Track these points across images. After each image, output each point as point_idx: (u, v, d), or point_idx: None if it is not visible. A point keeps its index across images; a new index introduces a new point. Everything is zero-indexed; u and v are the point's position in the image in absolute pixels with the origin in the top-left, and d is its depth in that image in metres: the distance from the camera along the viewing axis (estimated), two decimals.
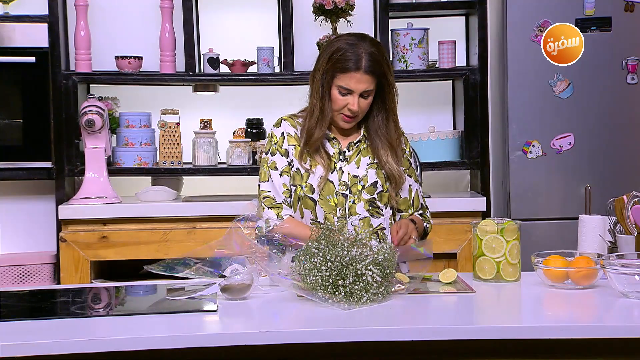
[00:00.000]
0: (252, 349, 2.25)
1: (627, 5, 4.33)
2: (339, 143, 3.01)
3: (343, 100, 2.91)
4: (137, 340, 2.23)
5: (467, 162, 4.57)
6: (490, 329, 2.33)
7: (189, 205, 4.38)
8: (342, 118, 2.95)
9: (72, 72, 4.50)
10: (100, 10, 4.70)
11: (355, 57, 2.87)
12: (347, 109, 2.91)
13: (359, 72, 2.87)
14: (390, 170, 2.98)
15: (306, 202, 2.96)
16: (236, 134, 4.63)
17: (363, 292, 2.48)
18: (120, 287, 2.92)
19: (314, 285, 2.50)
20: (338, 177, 2.97)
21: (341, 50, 2.90)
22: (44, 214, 4.65)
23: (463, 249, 4.30)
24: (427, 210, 3.13)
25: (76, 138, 4.46)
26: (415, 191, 3.09)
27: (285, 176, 3.00)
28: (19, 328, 2.34)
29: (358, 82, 2.88)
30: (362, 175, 2.98)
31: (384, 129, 2.99)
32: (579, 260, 2.73)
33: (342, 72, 2.88)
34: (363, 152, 3.01)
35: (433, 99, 4.88)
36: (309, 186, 2.96)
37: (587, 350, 2.33)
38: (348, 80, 2.88)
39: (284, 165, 3.00)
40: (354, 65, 2.87)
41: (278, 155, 3.01)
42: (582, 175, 4.34)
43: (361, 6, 4.65)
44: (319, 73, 2.94)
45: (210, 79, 4.59)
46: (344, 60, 2.88)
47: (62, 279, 4.28)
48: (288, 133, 3.02)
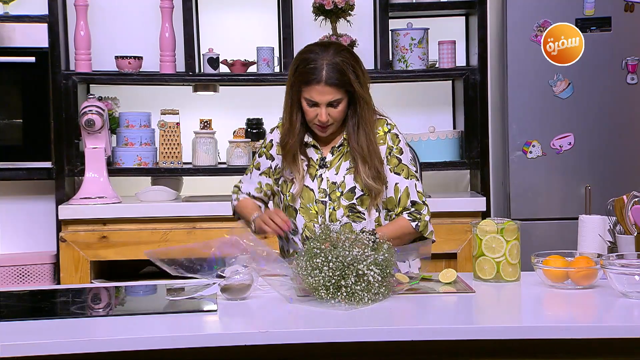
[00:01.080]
0: (252, 349, 2.25)
1: (627, 5, 4.33)
2: (319, 149, 3.00)
3: (312, 111, 2.90)
4: (137, 340, 2.23)
5: (467, 162, 4.57)
6: (490, 329, 2.33)
7: (189, 206, 4.38)
8: (316, 127, 2.95)
9: (72, 72, 4.50)
10: (100, 10, 4.70)
11: (316, 69, 2.85)
12: (317, 120, 2.91)
13: (320, 85, 2.85)
14: (365, 181, 2.92)
15: (290, 211, 2.98)
16: (236, 134, 4.63)
17: (365, 292, 2.48)
18: (120, 287, 2.92)
19: (316, 286, 2.50)
20: (318, 185, 2.96)
21: (305, 62, 2.89)
22: (43, 214, 4.64)
23: (463, 249, 4.30)
24: (422, 207, 2.97)
25: (76, 138, 4.46)
26: (404, 188, 2.96)
27: (264, 176, 3.07)
28: (19, 328, 2.34)
29: (321, 94, 2.86)
30: (339, 182, 2.95)
31: (354, 138, 2.94)
32: (578, 260, 2.73)
33: (306, 85, 2.88)
34: (345, 155, 2.98)
35: (433, 99, 4.88)
36: (291, 195, 2.97)
37: (587, 350, 2.33)
38: (311, 92, 2.87)
39: (266, 167, 3.07)
40: (316, 78, 2.85)
41: (264, 157, 3.09)
42: (582, 175, 4.34)
43: (361, 6, 4.65)
44: (288, 85, 2.96)
45: (210, 79, 4.59)
46: (306, 72, 2.87)
47: (62, 279, 4.28)
48: (277, 142, 3.06)
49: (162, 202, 4.43)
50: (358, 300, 2.47)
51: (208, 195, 4.62)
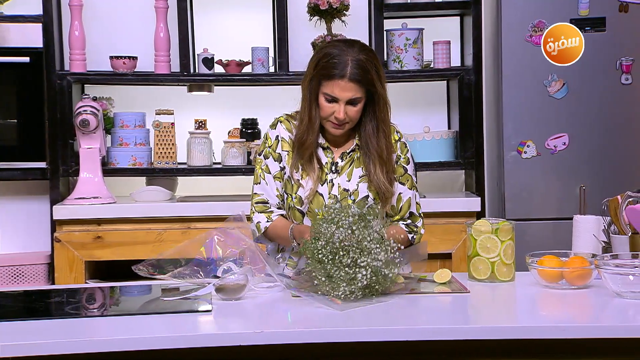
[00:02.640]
0: (247, 349, 2.25)
1: (622, 6, 4.34)
2: (332, 153, 2.95)
3: (329, 107, 2.83)
4: (131, 341, 2.23)
5: (462, 162, 4.57)
6: (484, 329, 2.33)
7: (183, 206, 4.38)
8: (331, 125, 2.87)
9: (67, 72, 4.49)
10: (95, 10, 4.70)
11: (341, 64, 2.79)
12: (334, 117, 2.84)
13: (344, 80, 2.79)
14: (378, 184, 2.89)
15: (294, 213, 2.92)
16: (231, 134, 4.63)
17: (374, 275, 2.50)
18: (115, 288, 2.92)
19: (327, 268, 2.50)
20: (328, 190, 2.91)
21: (328, 56, 2.81)
22: (38, 214, 4.64)
23: (458, 249, 4.30)
24: (418, 220, 3.00)
25: (71, 138, 4.45)
26: (407, 199, 2.97)
27: (278, 181, 2.96)
28: (13, 328, 2.33)
29: (342, 90, 2.80)
30: (352, 189, 2.91)
31: (373, 140, 2.90)
32: (573, 260, 2.74)
33: (328, 79, 2.80)
34: (356, 162, 2.94)
35: (428, 99, 4.88)
36: (299, 198, 2.92)
37: (581, 350, 2.34)
38: (333, 87, 2.80)
39: (277, 170, 2.96)
40: (339, 73, 2.78)
41: (271, 159, 2.97)
42: (576, 176, 4.34)
43: (356, 6, 4.66)
44: (307, 79, 2.88)
45: (205, 79, 4.59)
46: (329, 66, 2.80)
47: (57, 279, 4.28)
48: (282, 138, 2.97)
49: (156, 202, 4.43)
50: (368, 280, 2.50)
51: (203, 195, 4.62)
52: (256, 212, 2.96)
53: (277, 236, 2.95)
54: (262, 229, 2.94)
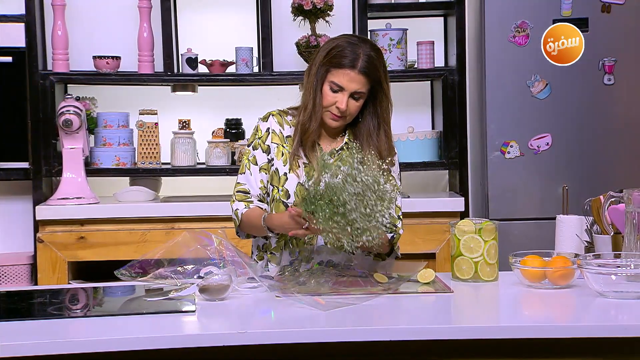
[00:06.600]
0: (230, 350, 2.25)
1: (604, 6, 4.36)
2: (321, 150, 2.97)
3: (333, 97, 2.87)
4: (114, 341, 2.22)
5: (446, 163, 4.58)
6: (468, 329, 2.34)
7: (167, 206, 4.37)
8: (329, 116, 2.90)
9: (50, 72, 4.48)
10: (78, 10, 4.68)
11: (352, 55, 2.85)
12: (335, 107, 2.88)
13: (354, 71, 2.84)
14: None
15: (279, 206, 2.93)
16: (215, 134, 4.62)
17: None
18: (98, 288, 2.91)
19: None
20: None
21: (340, 47, 2.87)
22: (21, 214, 4.62)
23: (441, 249, 4.31)
24: (398, 221, 2.99)
25: (53, 138, 4.44)
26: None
27: (264, 173, 2.97)
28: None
29: (350, 81, 2.85)
30: None
31: (375, 138, 2.95)
32: (556, 260, 2.75)
33: (337, 68, 2.85)
34: (343, 161, 2.89)
35: (412, 100, 4.89)
36: (285, 191, 2.93)
37: (564, 349, 2.34)
38: (341, 77, 2.85)
39: (264, 162, 2.97)
40: (350, 63, 2.84)
41: (259, 150, 2.98)
42: (559, 176, 4.36)
43: (340, 6, 4.66)
44: (314, 67, 2.91)
45: (188, 79, 4.58)
46: (341, 56, 2.85)
47: (40, 280, 4.26)
48: (273, 130, 2.99)
49: (140, 202, 4.41)
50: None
51: (187, 195, 4.61)
52: (236, 200, 2.98)
53: (250, 225, 2.94)
54: (239, 216, 2.95)
